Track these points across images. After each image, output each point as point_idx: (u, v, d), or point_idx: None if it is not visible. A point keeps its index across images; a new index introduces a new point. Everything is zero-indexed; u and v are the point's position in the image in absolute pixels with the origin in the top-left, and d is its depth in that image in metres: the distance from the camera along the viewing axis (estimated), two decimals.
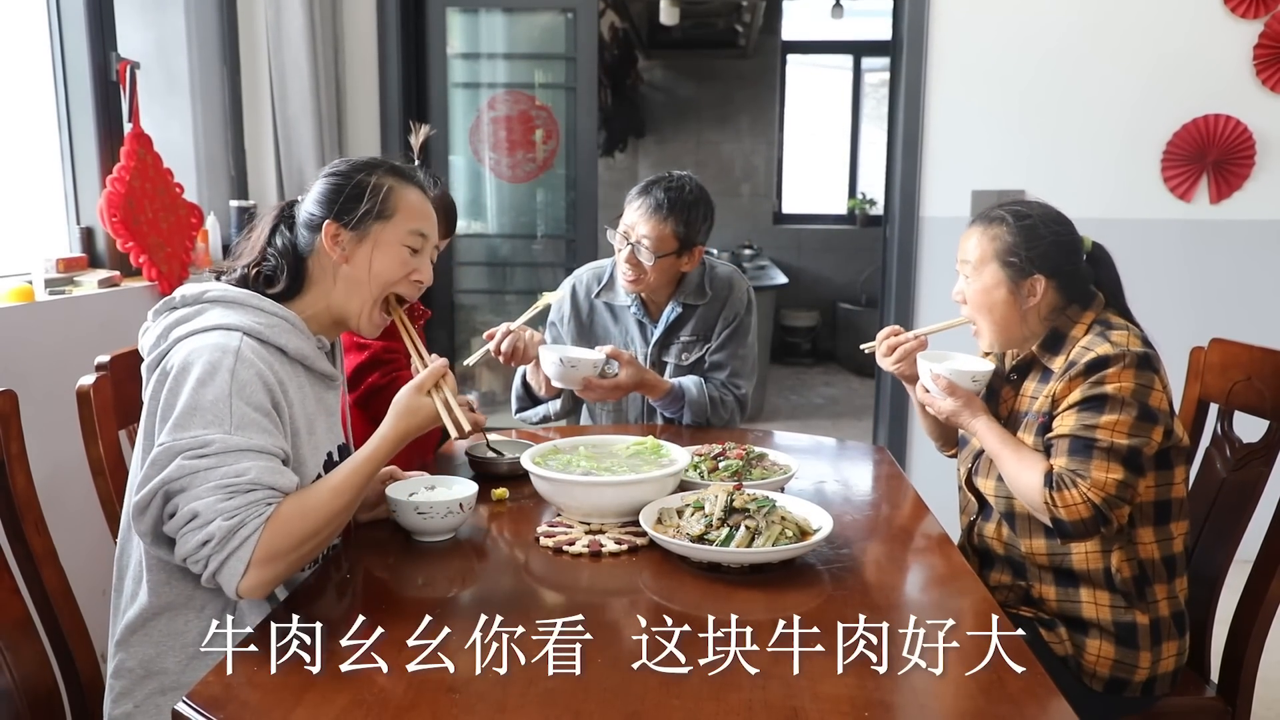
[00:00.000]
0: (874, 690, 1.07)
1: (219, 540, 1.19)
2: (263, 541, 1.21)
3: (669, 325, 2.28)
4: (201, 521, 1.20)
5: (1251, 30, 3.23)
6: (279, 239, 1.44)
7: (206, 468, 1.21)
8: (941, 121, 3.38)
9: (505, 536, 1.54)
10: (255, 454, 1.24)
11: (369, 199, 1.42)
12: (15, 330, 2.19)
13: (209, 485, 1.20)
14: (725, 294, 2.30)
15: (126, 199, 2.57)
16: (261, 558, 1.21)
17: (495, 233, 4.13)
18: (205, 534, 1.19)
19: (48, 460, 1.66)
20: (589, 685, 1.06)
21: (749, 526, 1.38)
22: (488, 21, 4.04)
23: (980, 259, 1.68)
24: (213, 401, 1.24)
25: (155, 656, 1.34)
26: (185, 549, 1.21)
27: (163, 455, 1.22)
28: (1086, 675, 1.63)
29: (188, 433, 1.22)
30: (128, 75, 2.62)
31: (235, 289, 1.39)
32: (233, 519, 1.20)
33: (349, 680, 1.07)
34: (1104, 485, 1.52)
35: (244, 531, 1.20)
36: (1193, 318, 3.28)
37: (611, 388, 2.10)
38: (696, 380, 2.25)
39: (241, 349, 1.29)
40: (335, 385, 1.51)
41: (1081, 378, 1.57)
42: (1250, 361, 1.78)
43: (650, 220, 2.14)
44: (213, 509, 1.20)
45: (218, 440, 1.22)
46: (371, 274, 1.43)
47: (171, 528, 1.23)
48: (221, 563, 1.20)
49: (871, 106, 7.60)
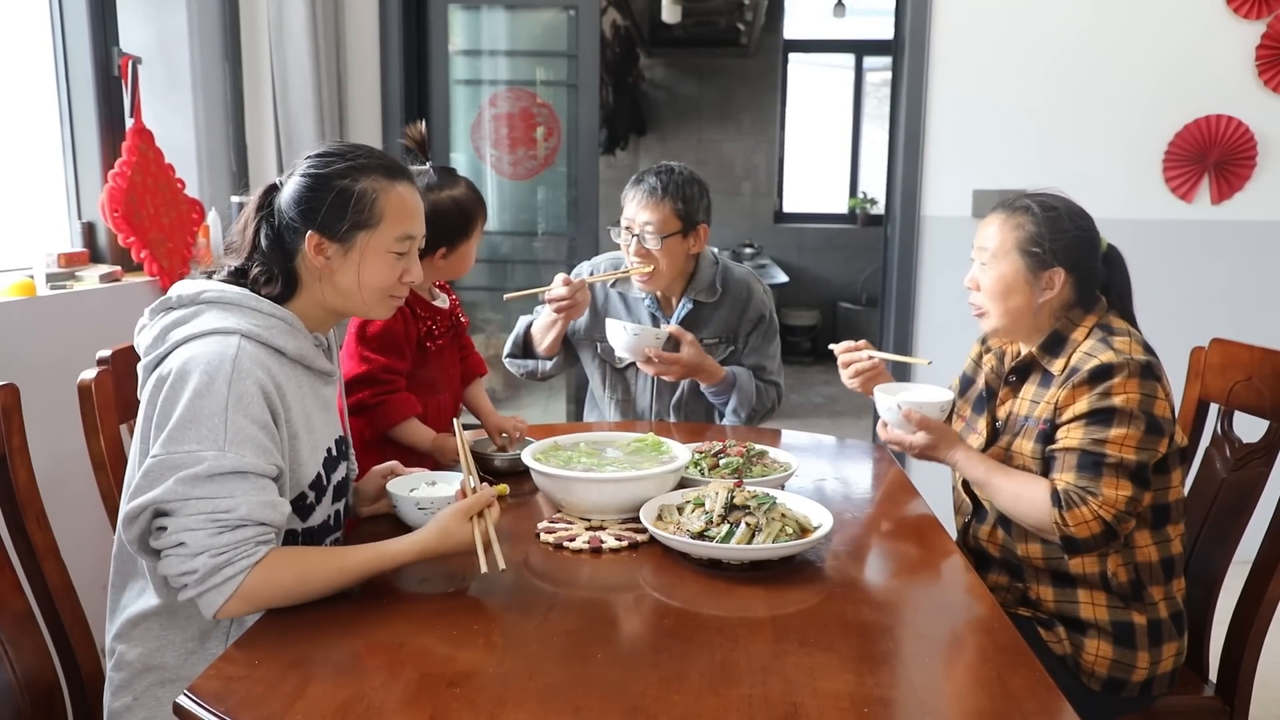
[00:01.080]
0: (873, 687, 1.07)
1: (203, 575, 1.20)
2: (249, 582, 1.21)
3: (682, 322, 2.28)
4: (189, 552, 1.20)
5: (1254, 31, 3.23)
6: (263, 238, 1.40)
7: (198, 496, 1.20)
8: (943, 121, 3.38)
9: (506, 533, 1.54)
10: (250, 478, 1.23)
11: (354, 210, 1.37)
12: (17, 325, 2.19)
13: (199, 516, 1.20)
14: (745, 296, 2.33)
15: (128, 194, 2.57)
16: (244, 594, 1.21)
17: (496, 230, 4.13)
18: (190, 565, 1.20)
19: (49, 454, 1.66)
20: (589, 681, 1.06)
21: (749, 523, 1.39)
22: (489, 18, 4.03)
23: (1001, 246, 1.66)
24: (209, 414, 1.23)
25: (155, 650, 1.34)
26: (168, 569, 1.21)
27: (156, 469, 1.21)
28: (1085, 675, 1.63)
29: (182, 446, 1.21)
30: (129, 70, 2.62)
31: (232, 289, 1.36)
32: (220, 556, 1.20)
33: (350, 675, 1.08)
34: (1115, 502, 1.52)
35: (229, 570, 1.20)
36: (1193, 318, 3.29)
37: (672, 361, 2.16)
38: (746, 370, 2.31)
39: (239, 357, 1.27)
40: (333, 380, 1.50)
41: (1086, 387, 1.56)
42: (1250, 361, 1.78)
43: (648, 205, 2.17)
44: (201, 543, 1.20)
45: (210, 459, 1.21)
46: (362, 283, 1.41)
47: (158, 544, 1.22)
48: (200, 594, 1.21)
49: (873, 106, 7.60)
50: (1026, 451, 1.64)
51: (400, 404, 1.84)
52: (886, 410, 1.72)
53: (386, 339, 1.84)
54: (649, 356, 2.14)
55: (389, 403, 1.83)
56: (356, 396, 1.81)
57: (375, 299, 1.44)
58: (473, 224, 1.90)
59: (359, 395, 1.81)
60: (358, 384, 1.82)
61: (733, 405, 2.29)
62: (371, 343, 1.84)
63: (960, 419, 1.86)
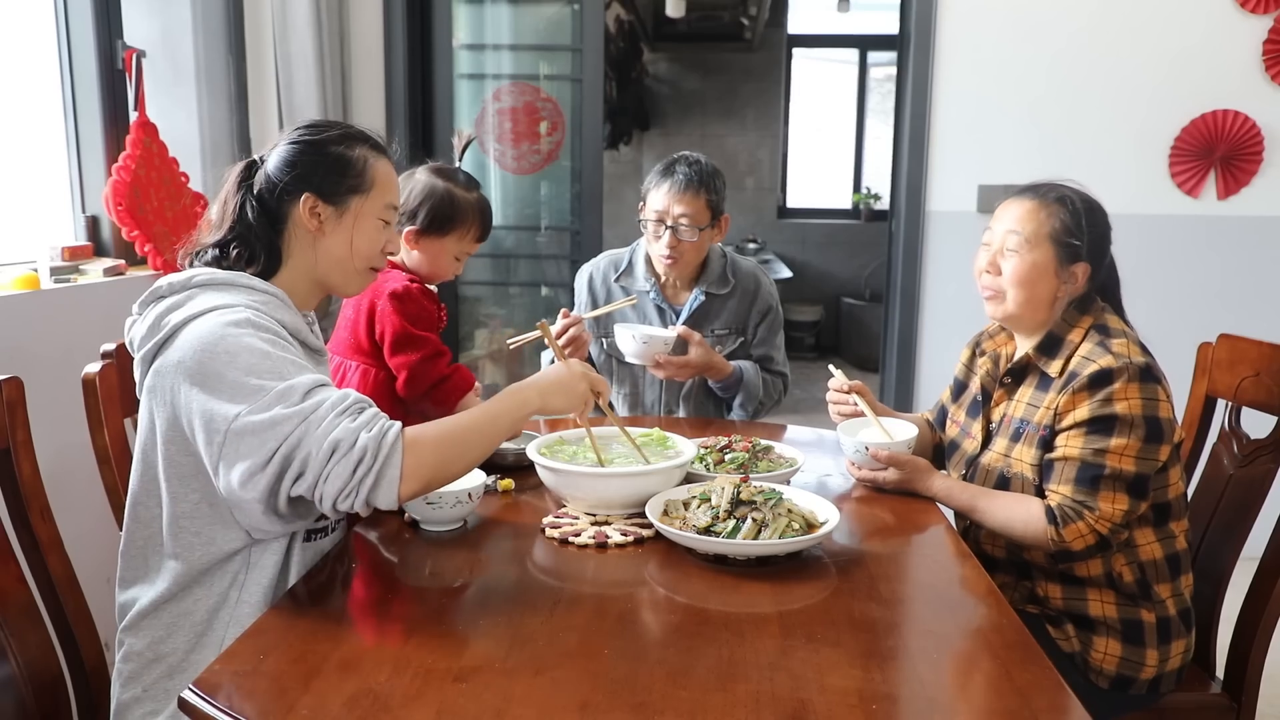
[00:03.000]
0: (881, 683, 1.06)
1: (372, 453, 1.19)
2: (409, 443, 1.22)
3: (694, 313, 2.29)
4: (346, 446, 1.19)
5: (1261, 26, 3.21)
6: (249, 209, 1.39)
7: (310, 409, 1.20)
8: (948, 116, 3.37)
9: (511, 528, 1.53)
10: (325, 386, 1.25)
11: (351, 174, 1.41)
12: (21, 318, 2.19)
13: (328, 419, 1.20)
14: (753, 287, 2.35)
15: (132, 187, 2.56)
16: (412, 453, 1.22)
17: (500, 224, 4.12)
18: (357, 453, 1.19)
19: (53, 448, 1.66)
20: (595, 676, 1.06)
21: (756, 519, 1.38)
22: (494, 12, 4.02)
23: (1036, 234, 1.62)
24: (258, 360, 1.22)
25: (163, 638, 1.33)
26: (336, 486, 1.19)
27: (251, 427, 1.19)
28: (1093, 672, 1.63)
29: (259, 396, 1.20)
30: (134, 63, 2.62)
31: (222, 272, 1.36)
32: (373, 429, 1.20)
33: (356, 668, 1.07)
34: (1111, 516, 1.52)
35: (389, 438, 1.20)
36: (1200, 313, 3.28)
37: (682, 365, 2.16)
38: (751, 364, 2.32)
39: (250, 316, 1.27)
40: (324, 359, 1.51)
41: (1086, 393, 1.55)
42: (1259, 357, 1.77)
43: (683, 198, 2.18)
44: (350, 431, 1.19)
45: (294, 384, 1.21)
46: (353, 250, 1.43)
47: (307, 480, 1.20)
48: (378, 475, 1.20)
49: (877, 101, 7.58)
50: (1026, 459, 1.63)
51: (467, 374, 1.87)
52: (854, 451, 1.72)
53: (425, 318, 1.85)
54: (658, 361, 2.14)
55: (460, 372, 1.85)
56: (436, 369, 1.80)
57: (362, 267, 1.46)
58: (453, 222, 1.87)
59: (438, 367, 1.81)
60: (432, 357, 1.81)
61: (740, 400, 2.30)
62: (419, 322, 1.83)
63: (955, 424, 1.86)
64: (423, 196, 1.86)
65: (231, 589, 1.34)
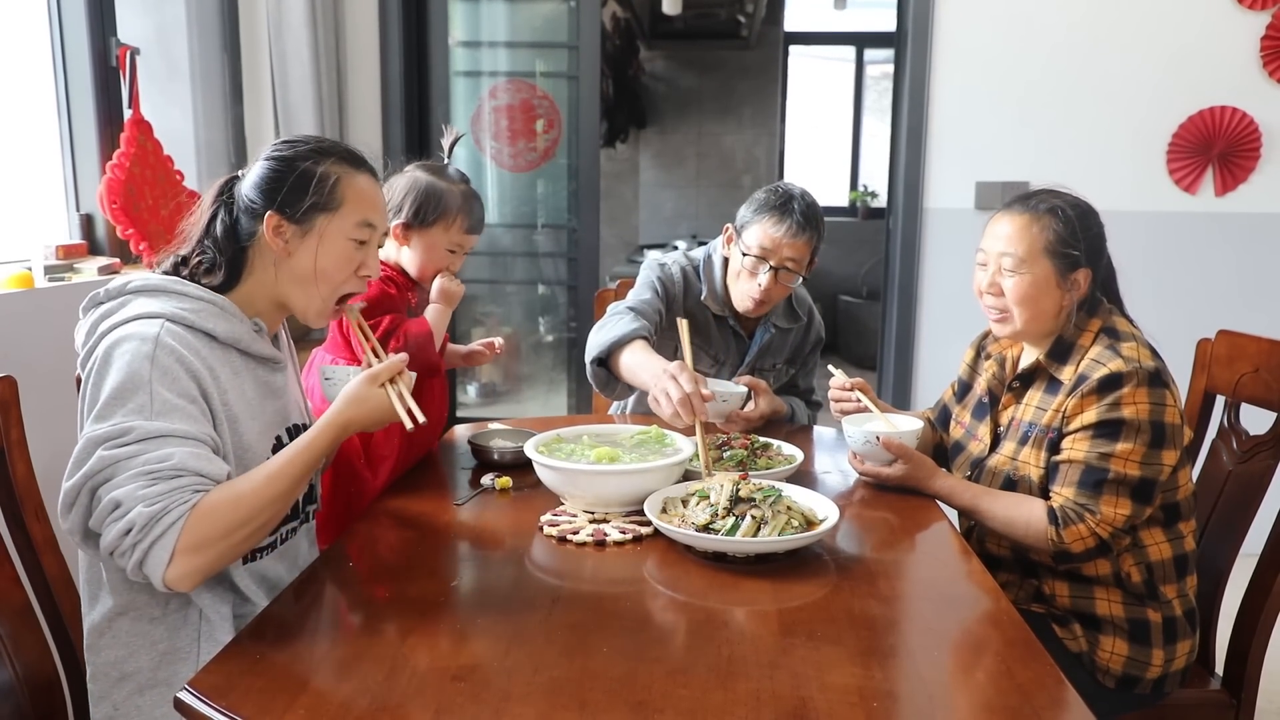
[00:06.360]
0: (882, 681, 1.06)
1: (140, 528, 1.13)
2: (188, 528, 1.14)
3: (760, 348, 2.24)
4: (123, 510, 1.14)
5: (1259, 22, 3.21)
6: (218, 225, 1.39)
7: (128, 455, 1.16)
8: (946, 112, 3.37)
9: (509, 526, 1.53)
10: (179, 439, 1.19)
11: (314, 190, 1.37)
12: (15, 317, 2.18)
13: (131, 473, 1.15)
14: (808, 319, 2.32)
15: (126, 185, 2.55)
16: (187, 546, 1.14)
17: (496, 222, 4.11)
18: (126, 522, 1.13)
19: (48, 447, 1.65)
20: (595, 675, 1.05)
21: (755, 516, 1.37)
22: (489, 9, 4.02)
23: (1030, 252, 1.60)
24: (134, 389, 1.20)
25: (126, 657, 1.31)
26: (109, 540, 1.15)
27: (85, 448, 1.17)
28: (1100, 672, 1.62)
29: (108, 422, 1.18)
30: (128, 61, 2.60)
31: (158, 277, 1.35)
32: (155, 505, 1.13)
33: (353, 668, 1.07)
34: (1113, 520, 1.52)
35: (168, 519, 1.13)
36: (1199, 310, 3.28)
37: (757, 418, 2.04)
38: (801, 402, 2.29)
39: (162, 335, 1.25)
40: (281, 367, 1.47)
41: (1095, 396, 1.54)
42: (1258, 353, 1.77)
43: (797, 242, 2.06)
44: (134, 496, 1.14)
45: (138, 427, 1.17)
46: (317, 269, 1.40)
47: (96, 521, 1.17)
48: (145, 551, 1.13)
49: (873, 99, 7.58)
50: (1034, 462, 1.62)
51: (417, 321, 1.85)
52: (863, 443, 1.70)
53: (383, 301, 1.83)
54: (730, 418, 2.01)
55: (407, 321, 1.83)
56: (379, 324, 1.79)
57: (327, 291, 1.42)
58: (438, 211, 1.86)
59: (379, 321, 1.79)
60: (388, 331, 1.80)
61: None
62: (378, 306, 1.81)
63: (959, 425, 1.85)
64: (406, 189, 1.87)
65: (190, 608, 1.32)
